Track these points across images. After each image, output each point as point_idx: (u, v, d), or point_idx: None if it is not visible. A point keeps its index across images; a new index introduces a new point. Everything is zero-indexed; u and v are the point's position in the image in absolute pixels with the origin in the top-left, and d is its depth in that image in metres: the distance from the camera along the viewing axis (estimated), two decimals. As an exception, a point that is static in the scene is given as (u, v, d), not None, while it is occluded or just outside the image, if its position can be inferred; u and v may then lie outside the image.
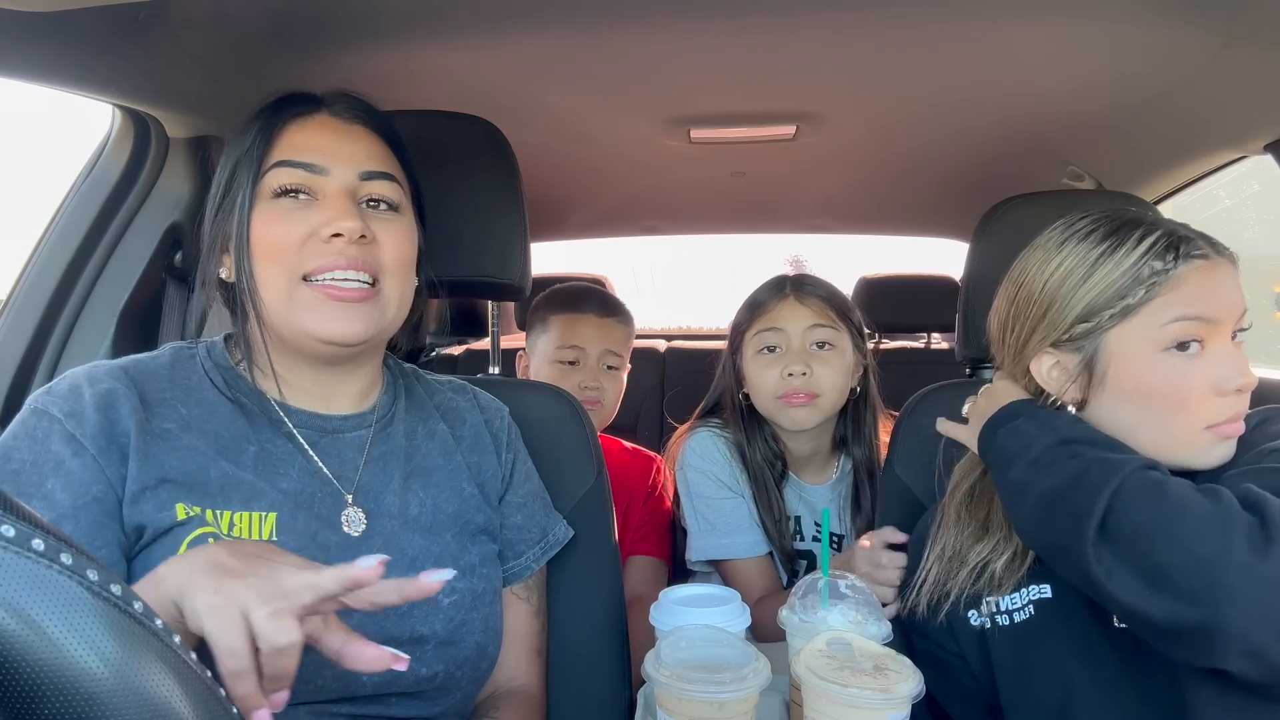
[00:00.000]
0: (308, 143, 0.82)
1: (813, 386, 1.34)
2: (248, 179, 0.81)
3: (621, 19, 1.18)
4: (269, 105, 0.84)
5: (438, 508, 0.89)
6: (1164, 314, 0.81)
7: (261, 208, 0.80)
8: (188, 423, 0.79)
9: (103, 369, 0.80)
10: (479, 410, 0.99)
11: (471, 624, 0.86)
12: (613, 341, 1.63)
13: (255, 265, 0.80)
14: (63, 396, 0.76)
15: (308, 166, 0.81)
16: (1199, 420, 0.81)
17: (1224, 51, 1.18)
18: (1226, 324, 0.82)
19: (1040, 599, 0.89)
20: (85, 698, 0.29)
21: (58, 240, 1.26)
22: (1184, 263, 0.82)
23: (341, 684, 0.78)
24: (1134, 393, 0.83)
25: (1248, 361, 0.82)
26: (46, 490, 0.72)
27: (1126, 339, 0.83)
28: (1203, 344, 0.81)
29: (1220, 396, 0.80)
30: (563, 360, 1.60)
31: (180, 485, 0.76)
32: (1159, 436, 0.83)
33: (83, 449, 0.74)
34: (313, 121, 0.83)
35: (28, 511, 0.31)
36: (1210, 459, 0.82)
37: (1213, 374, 0.81)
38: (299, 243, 0.79)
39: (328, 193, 0.81)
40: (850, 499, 1.44)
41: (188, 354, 0.86)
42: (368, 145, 0.85)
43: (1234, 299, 0.83)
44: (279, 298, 0.80)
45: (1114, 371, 0.84)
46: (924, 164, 1.97)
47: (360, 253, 0.80)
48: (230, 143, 0.86)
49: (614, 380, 1.64)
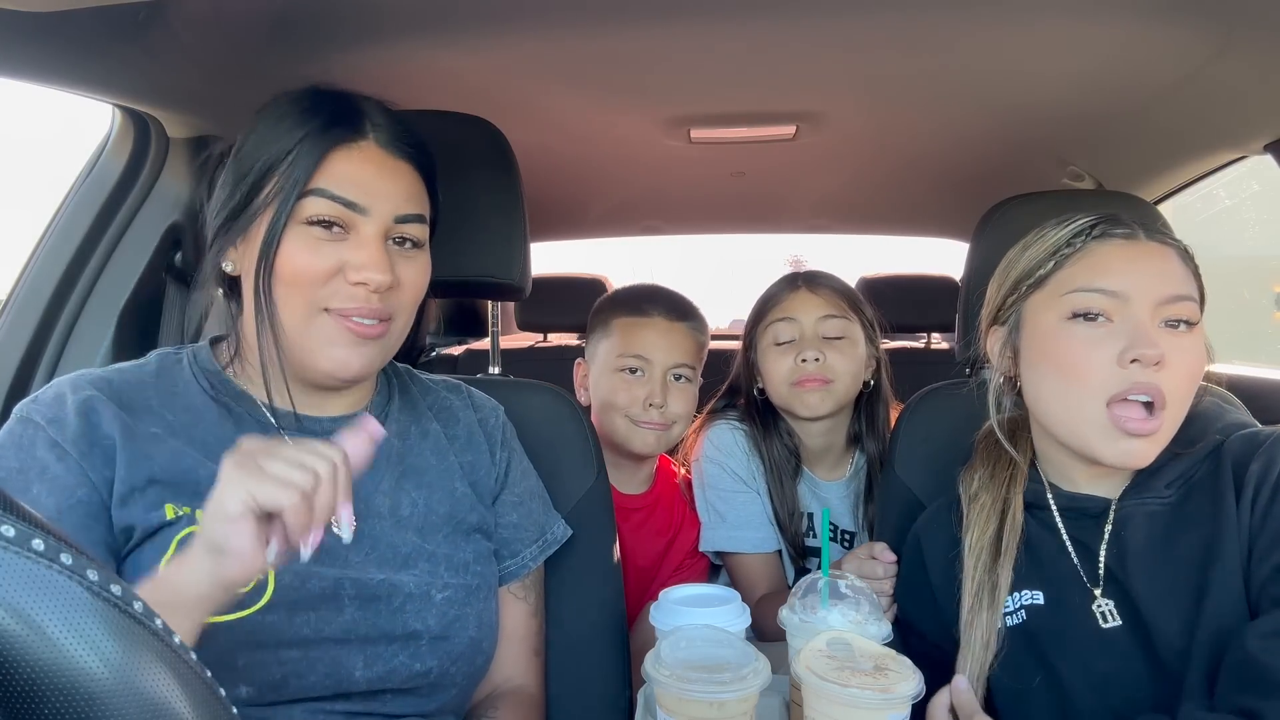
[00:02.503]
0: (351, 175, 0.80)
1: (827, 372, 1.36)
2: (283, 197, 0.78)
3: (621, 19, 1.18)
4: (314, 121, 0.81)
5: (430, 508, 0.89)
6: (1067, 284, 0.86)
7: (293, 233, 0.79)
8: (174, 428, 0.80)
9: (86, 378, 0.81)
10: (473, 409, 0.99)
11: (465, 619, 0.86)
12: (683, 352, 1.42)
13: (276, 287, 0.79)
14: (47, 404, 0.77)
15: (349, 205, 0.79)
16: (1096, 391, 0.82)
17: (1224, 51, 1.18)
18: (1136, 299, 0.82)
19: (1032, 604, 0.89)
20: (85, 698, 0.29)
21: (58, 240, 1.26)
22: (1099, 240, 0.86)
23: (335, 681, 0.78)
24: (1040, 359, 0.88)
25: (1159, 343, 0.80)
26: (32, 496, 0.72)
27: (1037, 308, 0.89)
28: (1110, 318, 0.83)
29: (1121, 368, 0.81)
30: (624, 369, 1.41)
31: (168, 486, 0.77)
32: (1062, 407, 0.86)
33: (65, 454, 0.75)
34: (358, 152, 0.81)
35: (28, 511, 0.31)
36: (1116, 453, 0.82)
37: (1111, 344, 0.82)
38: (325, 276, 0.79)
39: (363, 233, 0.80)
40: (864, 495, 1.44)
41: (174, 359, 0.87)
42: (407, 185, 0.84)
43: (1149, 276, 0.83)
44: (296, 323, 0.80)
45: (1025, 339, 0.90)
46: (924, 164, 1.97)
47: (381, 302, 0.81)
48: (257, 136, 0.82)
49: (684, 396, 1.42)
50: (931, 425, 1.17)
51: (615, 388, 1.41)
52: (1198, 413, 0.90)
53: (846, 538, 1.45)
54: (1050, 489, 0.93)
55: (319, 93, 0.84)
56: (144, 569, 0.73)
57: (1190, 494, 0.86)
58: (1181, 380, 0.82)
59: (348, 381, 0.85)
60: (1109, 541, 0.87)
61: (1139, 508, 0.87)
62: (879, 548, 1.08)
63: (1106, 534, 0.88)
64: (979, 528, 0.92)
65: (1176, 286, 0.83)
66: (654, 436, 1.40)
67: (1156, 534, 0.85)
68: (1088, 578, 0.88)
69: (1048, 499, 0.92)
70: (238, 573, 0.61)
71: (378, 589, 0.81)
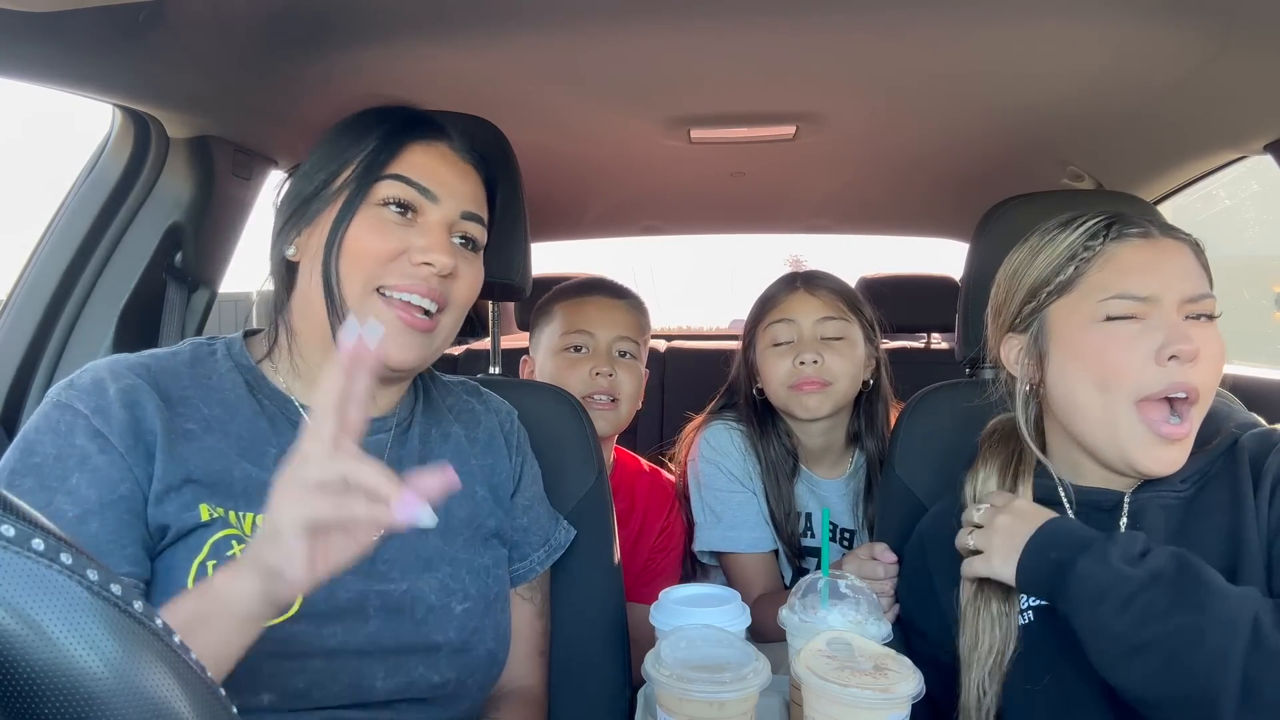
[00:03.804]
0: (427, 166, 0.85)
1: (824, 375, 1.35)
2: (360, 181, 0.82)
3: (621, 19, 1.18)
4: (392, 119, 0.86)
5: (450, 512, 0.89)
6: (1097, 289, 0.85)
7: (365, 213, 0.82)
8: (209, 423, 0.79)
9: (124, 363, 0.79)
10: (491, 412, 1.00)
11: (484, 631, 0.86)
12: (625, 326, 1.46)
13: (341, 263, 0.81)
14: (86, 391, 0.75)
15: (423, 190, 0.83)
16: (1135, 390, 0.82)
17: (1224, 51, 1.18)
18: (1165, 299, 0.83)
19: (1039, 605, 0.89)
20: (85, 698, 0.29)
21: (58, 240, 1.26)
22: (1116, 241, 0.86)
23: (356, 691, 0.78)
24: (1071, 362, 0.87)
25: (1193, 338, 0.81)
26: (71, 485, 0.71)
27: (1064, 313, 0.88)
28: (1140, 320, 0.83)
29: (1158, 366, 0.81)
30: (568, 347, 1.43)
31: (204, 486, 0.76)
32: (1098, 409, 0.85)
33: (110, 446, 0.73)
34: (435, 149, 0.86)
35: (28, 511, 0.31)
36: (1151, 460, 0.83)
37: (1147, 343, 0.82)
38: (389, 256, 0.81)
39: (431, 220, 0.84)
40: (863, 494, 1.44)
41: (208, 350, 0.86)
42: (474, 186, 0.89)
43: (1174, 277, 0.84)
44: (351, 301, 0.81)
45: (1054, 344, 0.89)
46: (924, 164, 1.97)
47: (441, 285, 0.83)
48: (334, 135, 0.87)
49: (629, 371, 1.44)
50: (931, 425, 1.17)
51: (561, 368, 1.43)
52: (1211, 412, 0.90)
53: (845, 536, 1.45)
54: (1061, 485, 0.92)
55: (395, 106, 0.89)
56: (175, 569, 0.73)
57: (1205, 488, 0.86)
58: (1211, 374, 0.83)
59: (393, 370, 0.85)
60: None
61: (1153, 500, 0.87)
62: (879, 548, 1.08)
63: (1123, 526, 0.88)
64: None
65: (1199, 284, 0.84)
66: (603, 419, 1.39)
67: (1172, 526, 0.86)
68: None
69: (1059, 494, 0.92)
70: (290, 593, 0.60)
71: (401, 600, 0.81)
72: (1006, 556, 0.84)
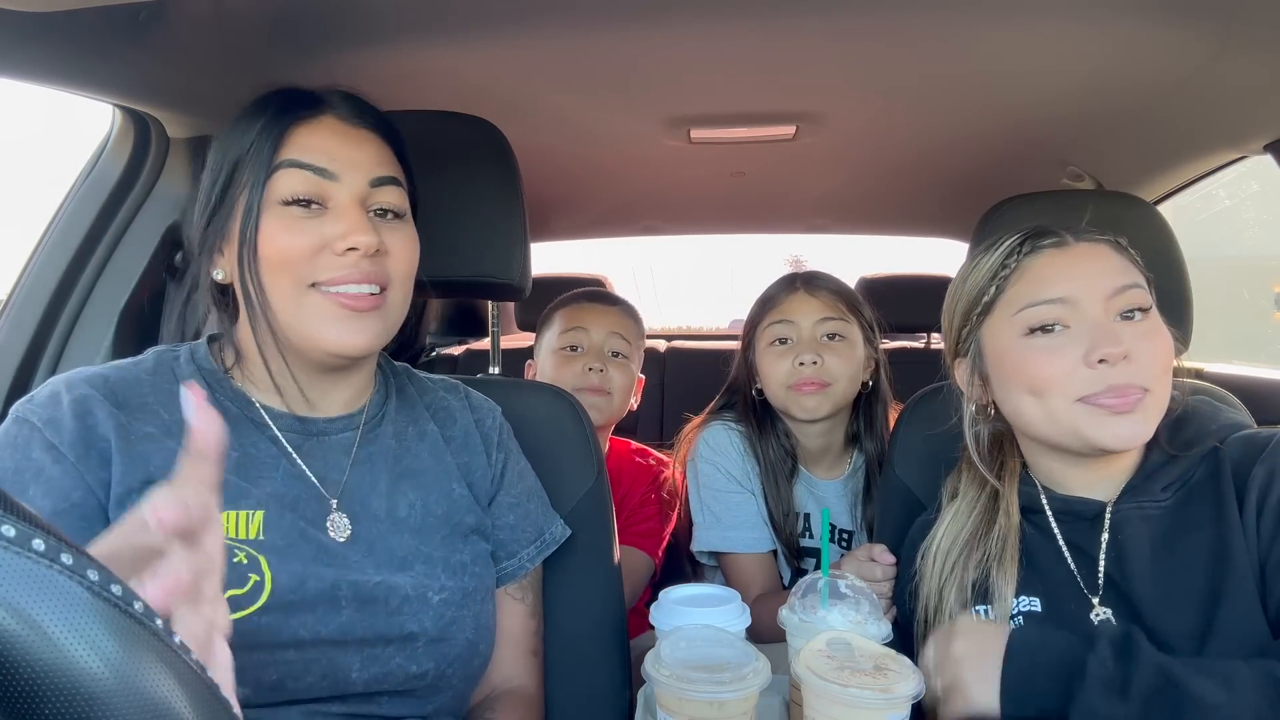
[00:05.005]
0: (317, 145, 0.81)
1: (824, 375, 1.36)
2: (253, 181, 0.79)
3: (621, 19, 1.18)
4: (271, 105, 0.83)
5: (427, 509, 0.88)
6: (1014, 303, 0.87)
7: (270, 215, 0.79)
8: (169, 427, 0.79)
9: (81, 375, 0.80)
10: (470, 410, 0.99)
11: (462, 621, 0.86)
12: (619, 327, 1.58)
13: (263, 273, 0.79)
14: (42, 404, 0.77)
15: (319, 171, 0.80)
16: (1069, 395, 0.83)
17: (1224, 51, 1.18)
18: (1084, 301, 0.84)
19: (1030, 610, 0.89)
20: (86, 698, 0.29)
21: (58, 240, 1.26)
22: (1032, 255, 0.88)
23: (332, 682, 0.78)
24: (1009, 380, 0.89)
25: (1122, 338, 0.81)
26: (28, 497, 0.72)
27: (992, 332, 0.90)
28: (1066, 325, 0.84)
29: (1089, 369, 0.82)
30: (565, 346, 1.55)
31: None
32: (1043, 417, 0.86)
33: (62, 456, 0.74)
34: (320, 124, 0.82)
35: (28, 511, 0.31)
36: (1110, 435, 0.82)
37: (1073, 349, 0.83)
38: (310, 253, 0.79)
39: (339, 201, 0.80)
40: (862, 495, 1.44)
41: (171, 357, 0.86)
42: (375, 150, 0.84)
43: (1091, 276, 0.84)
44: (288, 305, 0.80)
45: (990, 364, 0.91)
46: (924, 164, 1.97)
47: (373, 266, 0.80)
48: (221, 139, 0.84)
49: (623, 371, 1.56)
50: (931, 425, 1.16)
51: (557, 365, 1.55)
52: (1192, 414, 0.90)
53: (844, 537, 1.45)
54: (1044, 492, 0.93)
55: (272, 90, 0.85)
56: None
57: (1189, 498, 0.86)
58: (1152, 367, 0.82)
59: (352, 359, 0.84)
60: (1107, 547, 0.87)
61: (1135, 511, 0.87)
62: (878, 549, 1.08)
63: (1104, 540, 0.87)
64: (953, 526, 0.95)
65: (1118, 278, 0.85)
66: (595, 408, 1.45)
67: (1156, 538, 0.85)
68: (1085, 585, 0.88)
69: (1042, 502, 0.92)
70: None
71: (374, 590, 0.81)
72: (984, 688, 0.77)
